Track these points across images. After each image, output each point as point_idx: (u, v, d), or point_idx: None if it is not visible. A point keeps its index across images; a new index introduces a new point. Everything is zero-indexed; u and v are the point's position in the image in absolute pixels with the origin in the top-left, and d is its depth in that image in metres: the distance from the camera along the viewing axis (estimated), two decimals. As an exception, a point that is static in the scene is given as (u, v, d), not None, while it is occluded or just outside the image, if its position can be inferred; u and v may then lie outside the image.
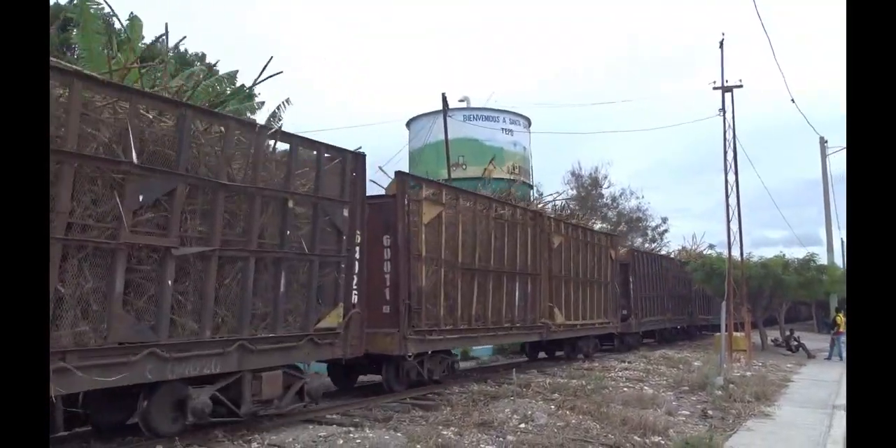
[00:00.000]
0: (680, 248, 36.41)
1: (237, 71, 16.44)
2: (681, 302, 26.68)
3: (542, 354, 17.62)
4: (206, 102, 15.12)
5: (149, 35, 15.30)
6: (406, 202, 10.54)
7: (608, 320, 18.35)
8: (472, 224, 12.24)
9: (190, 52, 26.99)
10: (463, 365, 16.53)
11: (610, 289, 18.69)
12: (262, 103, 17.51)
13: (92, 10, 12.39)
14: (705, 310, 29.54)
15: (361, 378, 11.87)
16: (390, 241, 10.41)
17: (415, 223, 10.70)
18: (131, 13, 13.30)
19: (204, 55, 27.16)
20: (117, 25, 13.65)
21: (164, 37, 13.08)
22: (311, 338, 8.27)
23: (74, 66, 6.52)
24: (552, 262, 15.16)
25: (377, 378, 11.09)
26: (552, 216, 16.02)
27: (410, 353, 10.36)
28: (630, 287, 20.91)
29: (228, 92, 16.19)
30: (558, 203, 20.79)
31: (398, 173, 11.04)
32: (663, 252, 31.75)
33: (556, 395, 10.54)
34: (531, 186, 31.24)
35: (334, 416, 8.64)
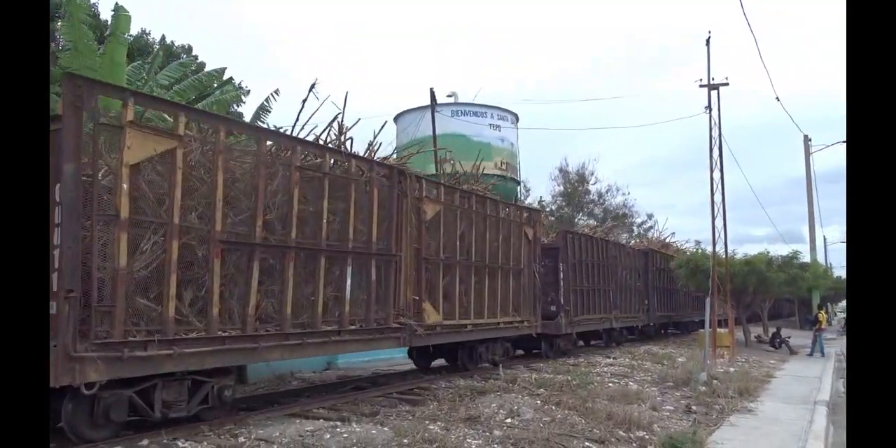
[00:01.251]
0: (637, 235, 35.45)
1: (225, 68, 16.37)
2: (635, 297, 22.22)
3: (438, 361, 13.73)
4: (193, 96, 15.15)
5: (135, 26, 15.18)
6: (86, 127, 6.29)
7: (522, 319, 13.90)
8: (256, 175, 7.74)
9: (177, 43, 26.85)
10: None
11: (526, 278, 14.21)
12: (249, 92, 17.27)
13: (78, 1, 12.22)
14: (668, 306, 25.87)
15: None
16: (60, 194, 5.96)
17: (107, 164, 6.60)
18: (116, 4, 13.10)
19: (190, 47, 27.04)
20: (103, 17, 13.54)
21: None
22: None
23: None
24: (422, 240, 10.62)
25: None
26: (424, 176, 11.43)
27: (88, 383, 6.00)
28: (560, 277, 16.42)
29: (216, 85, 16.13)
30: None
31: (67, 75, 6.34)
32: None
33: (542, 390, 10.60)
34: (518, 182, 31.31)
35: (321, 411, 8.64)
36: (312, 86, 11.19)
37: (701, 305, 28.32)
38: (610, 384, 11.76)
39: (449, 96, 29.21)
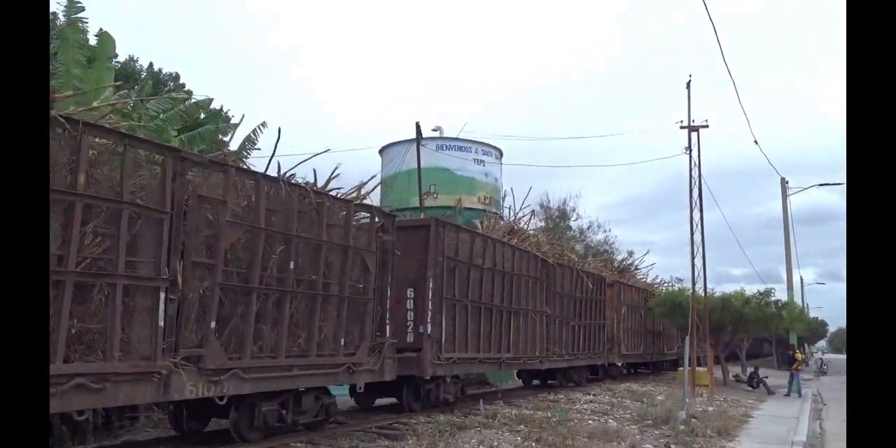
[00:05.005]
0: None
1: (212, 99, 16.55)
2: (354, 317, 9.77)
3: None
4: (180, 125, 15.22)
5: (123, 52, 15.32)
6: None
7: None
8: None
9: (164, 71, 27.01)
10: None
11: None
12: (237, 126, 17.51)
13: (75, 21, 12.33)
14: (497, 342, 13.63)
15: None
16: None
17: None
18: (101, 29, 13.25)
19: (178, 75, 27.19)
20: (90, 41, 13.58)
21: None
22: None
23: None
24: None
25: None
26: None
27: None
28: None
29: (203, 116, 16.26)
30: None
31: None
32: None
33: (523, 426, 10.54)
34: (502, 217, 31.50)
35: (299, 445, 8.52)
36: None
37: (597, 343, 19.34)
38: (590, 421, 11.72)
39: (434, 130, 29.53)
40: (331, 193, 9.43)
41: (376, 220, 10.42)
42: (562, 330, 17.40)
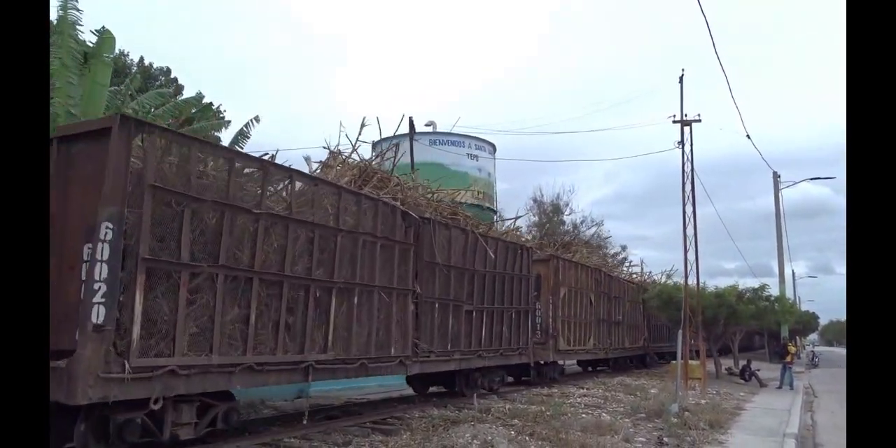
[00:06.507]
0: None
1: (203, 95, 16.54)
2: None
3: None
4: (171, 120, 15.18)
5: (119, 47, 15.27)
6: None
7: None
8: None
9: (155, 65, 26.89)
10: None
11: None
12: (229, 122, 17.61)
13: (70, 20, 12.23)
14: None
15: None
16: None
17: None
18: (103, 27, 13.18)
19: (169, 69, 27.07)
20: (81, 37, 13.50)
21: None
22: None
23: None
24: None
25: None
26: None
27: None
28: None
29: (194, 111, 16.22)
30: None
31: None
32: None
33: (516, 420, 10.56)
34: (495, 211, 31.59)
35: (293, 440, 8.52)
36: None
37: (516, 336, 13.68)
38: (583, 415, 11.75)
39: (427, 125, 29.55)
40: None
41: None
42: (447, 318, 11.97)
